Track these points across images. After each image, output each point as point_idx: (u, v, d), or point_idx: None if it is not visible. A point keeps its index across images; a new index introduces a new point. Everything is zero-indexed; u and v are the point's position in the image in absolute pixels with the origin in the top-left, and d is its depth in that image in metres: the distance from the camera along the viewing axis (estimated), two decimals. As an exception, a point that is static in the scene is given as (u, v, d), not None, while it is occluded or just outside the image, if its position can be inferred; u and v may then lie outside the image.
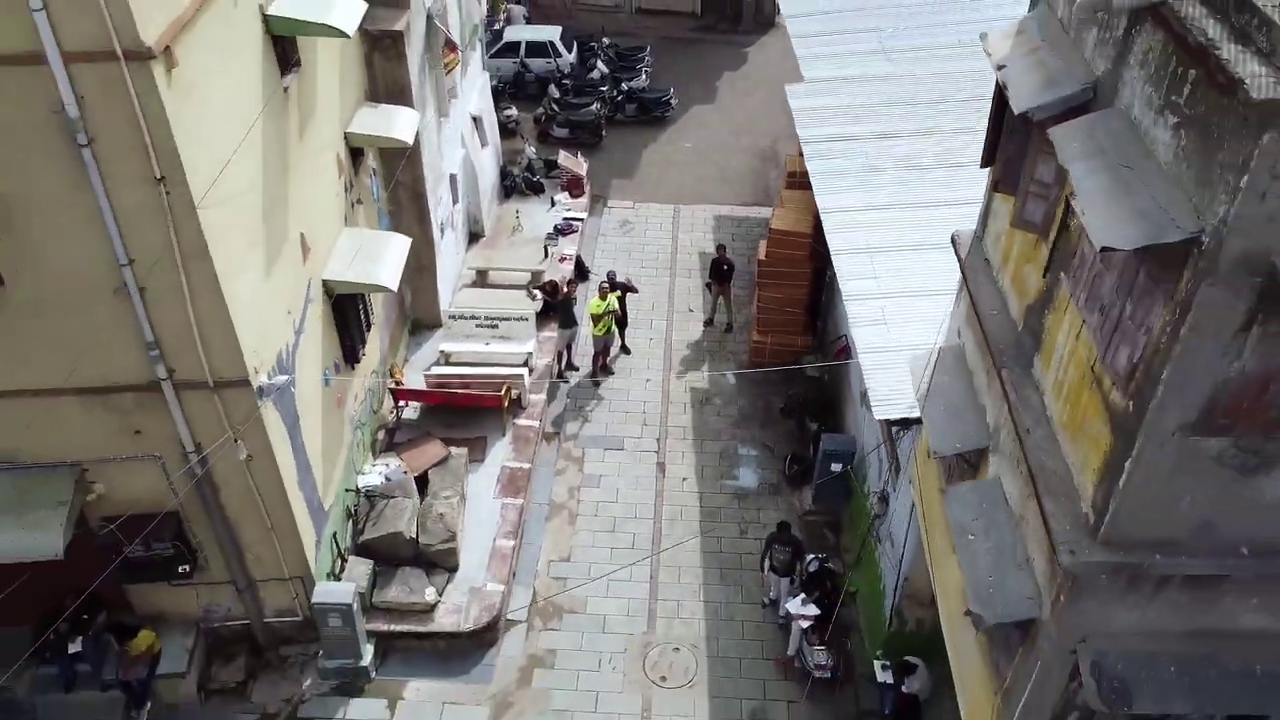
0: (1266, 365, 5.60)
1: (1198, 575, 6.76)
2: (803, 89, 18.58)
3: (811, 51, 19.61)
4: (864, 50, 19.28)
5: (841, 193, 15.62)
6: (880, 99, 17.67)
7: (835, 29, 20.21)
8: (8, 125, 8.74)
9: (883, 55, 19.10)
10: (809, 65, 19.19)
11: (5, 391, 10.60)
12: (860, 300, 13.49)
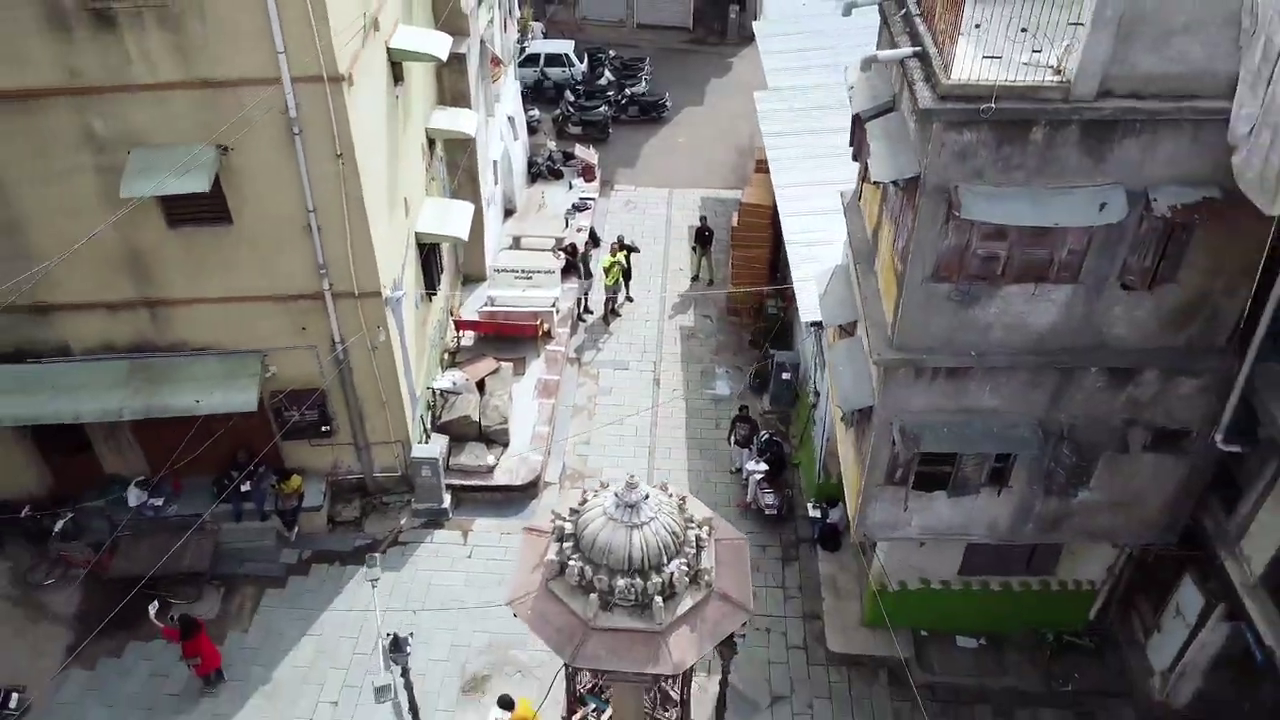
0: (958, 242, 11.03)
1: (950, 368, 12.20)
2: (767, 94, 23.98)
3: (776, 64, 24.95)
4: (818, 64, 24.58)
5: (791, 173, 21.02)
6: (825, 103, 23.02)
7: (797, 47, 25.50)
8: (259, 127, 14.15)
9: (833, 68, 24.41)
10: (773, 76, 24.56)
11: (222, 298, 16.04)
12: (797, 246, 18.92)
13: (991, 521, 13.99)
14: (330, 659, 16.66)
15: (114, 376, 16.26)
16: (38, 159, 14.25)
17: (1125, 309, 11.71)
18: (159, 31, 13.29)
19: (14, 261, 15.02)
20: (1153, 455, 13.12)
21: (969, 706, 16.16)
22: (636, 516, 10.75)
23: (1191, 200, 10.54)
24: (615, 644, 10.77)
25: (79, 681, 16.26)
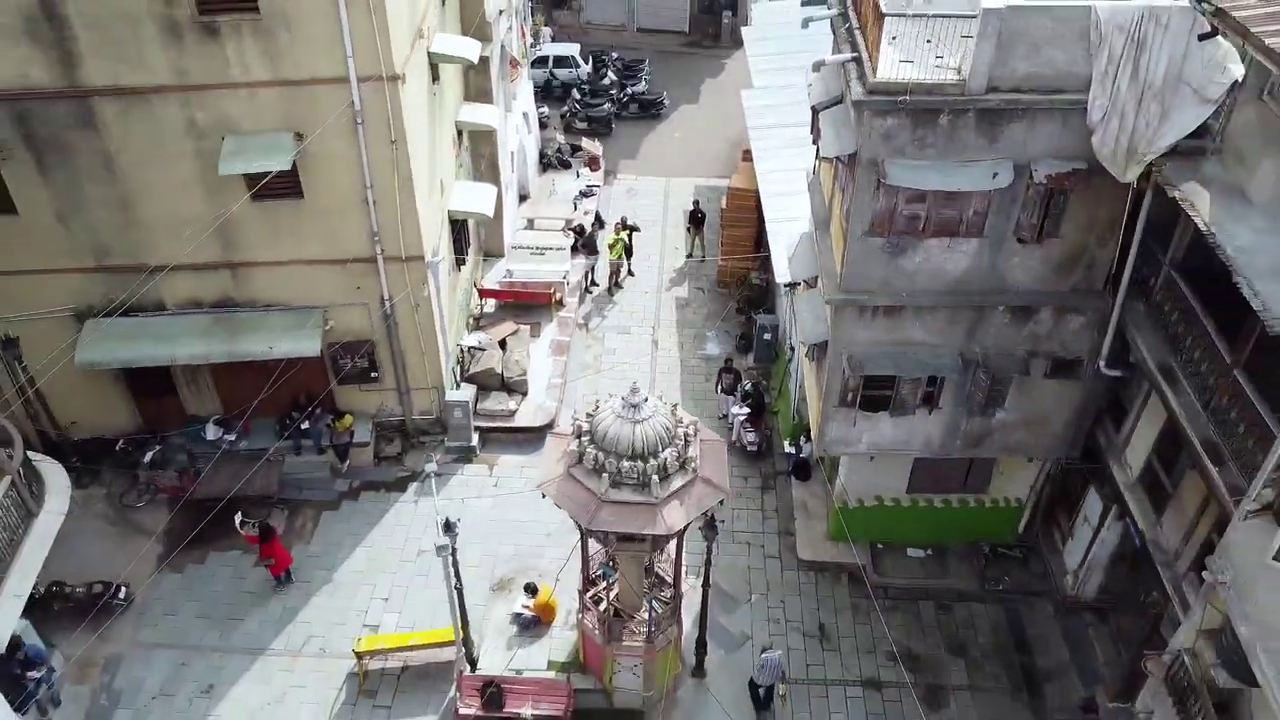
0: (887, 205, 14.21)
1: (888, 306, 15.39)
2: (753, 92, 27.17)
3: (760, 65, 28.11)
4: (795, 66, 27.64)
5: (772, 161, 24.19)
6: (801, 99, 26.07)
7: (778, 50, 28.59)
8: (329, 117, 17.33)
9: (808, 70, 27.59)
10: (758, 76, 27.74)
11: (291, 260, 19.21)
12: (776, 224, 22.11)
13: (927, 438, 17.19)
14: (380, 565, 19.85)
15: (201, 327, 19.46)
16: (149, 144, 17.43)
17: (1021, 259, 14.91)
18: (252, 40, 16.48)
19: (126, 230, 18.31)
20: (1053, 381, 16.31)
21: (915, 603, 19.36)
22: (638, 415, 13.98)
23: (1064, 170, 13.74)
24: (621, 513, 14.01)
25: (170, 583, 19.44)
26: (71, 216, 18.13)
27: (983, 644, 18.64)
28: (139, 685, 17.79)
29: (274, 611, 19.06)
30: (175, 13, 16.00)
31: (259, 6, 16.13)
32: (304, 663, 18.21)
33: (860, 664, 18.29)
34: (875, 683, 17.98)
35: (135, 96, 16.87)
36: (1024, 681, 18.02)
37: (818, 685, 17.98)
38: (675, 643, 17.16)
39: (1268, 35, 10.63)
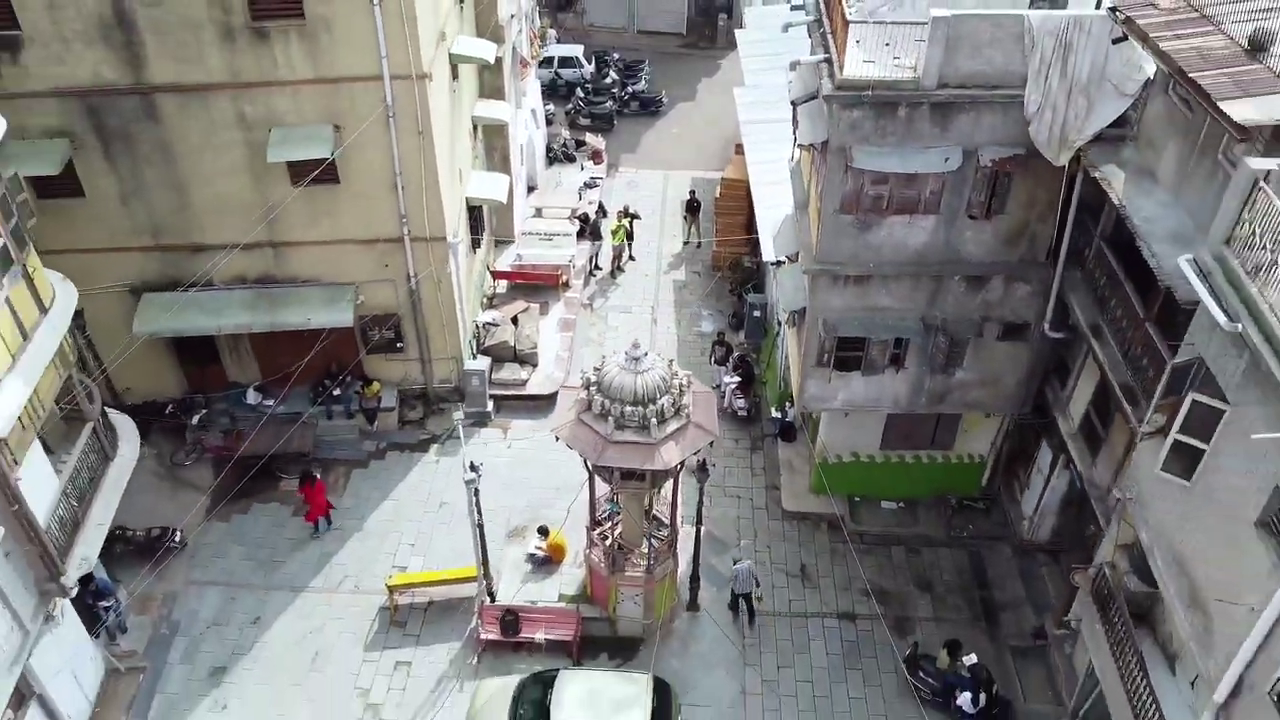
0: (854, 186, 16.38)
1: (857, 276, 17.57)
2: (745, 90, 29.31)
3: (752, 65, 30.23)
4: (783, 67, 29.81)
5: (761, 154, 26.30)
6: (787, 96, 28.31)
7: (769, 52, 30.66)
8: (364, 112, 19.49)
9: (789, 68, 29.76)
10: (750, 75, 29.86)
11: (327, 240, 21.38)
12: (764, 210, 24.24)
13: (895, 396, 19.38)
14: (406, 515, 22.04)
15: (245, 300, 21.64)
16: (201, 135, 19.60)
17: (973, 233, 17.09)
18: (297, 43, 18.66)
19: (180, 212, 20.50)
20: (1005, 343, 18.49)
21: (887, 548, 21.56)
22: (639, 367, 16.17)
23: (1006, 155, 15.93)
24: (625, 451, 16.20)
25: (218, 530, 21.63)
26: (132, 200, 20.31)
27: (947, 581, 20.84)
28: (194, 617, 19.98)
29: (312, 555, 21.25)
30: (231, 19, 18.18)
31: (304, 13, 18.30)
32: (340, 598, 20.40)
33: (837, 599, 20.48)
34: (850, 615, 20.17)
35: (193, 92, 19.05)
36: (983, 613, 20.21)
37: (799, 618, 20.17)
38: (671, 576, 19.36)
39: (1163, 40, 12.80)
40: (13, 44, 17.96)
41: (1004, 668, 19.13)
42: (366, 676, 19.00)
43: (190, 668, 19.14)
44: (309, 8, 18.24)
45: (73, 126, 19.15)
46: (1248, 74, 11.78)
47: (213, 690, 18.76)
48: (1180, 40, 12.70)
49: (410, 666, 19.17)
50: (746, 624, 19.78)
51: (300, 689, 18.77)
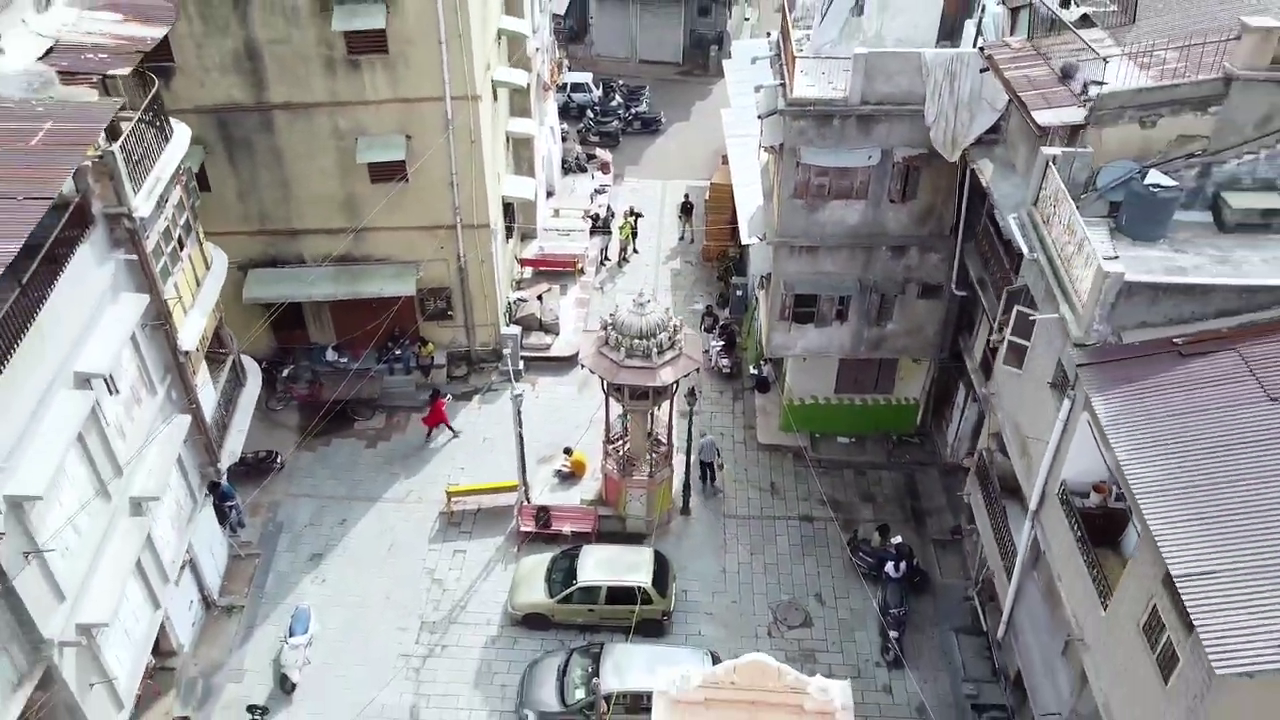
0: (803, 177, 22.01)
1: (808, 246, 23.20)
2: (731, 111, 35.05)
3: (737, 90, 35.94)
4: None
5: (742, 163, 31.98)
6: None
7: (750, 78, 36.46)
8: (429, 125, 25.19)
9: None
10: (735, 98, 35.55)
11: (396, 227, 27.01)
12: (744, 205, 29.88)
13: (841, 343, 24.94)
14: (457, 446, 27.54)
15: (330, 274, 27.25)
16: (304, 142, 25.29)
17: (893, 213, 22.71)
18: (381, 71, 24.38)
19: (284, 204, 26.17)
20: (923, 300, 24.07)
21: (840, 471, 27.03)
22: (643, 310, 21.76)
23: (914, 153, 21.58)
24: (633, 373, 21.77)
25: (307, 458, 27.11)
26: (247, 194, 26.00)
27: (886, 494, 26.34)
28: (293, 519, 25.48)
29: (383, 476, 26.75)
30: (334, 53, 23.93)
31: (388, 49, 24.04)
32: (407, 507, 25.89)
33: (799, 507, 25.97)
34: (809, 518, 25.66)
35: (300, 110, 24.78)
36: (913, 516, 25.69)
37: (768, 519, 25.66)
38: (667, 482, 24.87)
39: (1006, 70, 18.49)
40: (168, 73, 23.67)
41: (928, 555, 24.61)
42: (431, 560, 24.48)
43: (294, 555, 24.62)
44: (392, 45, 23.97)
45: (206, 136, 24.84)
46: (1055, 93, 17.46)
47: (312, 570, 24.24)
48: (1018, 70, 18.40)
49: (465, 554, 24.66)
50: (710, 484, 25.50)
51: (380, 569, 24.24)
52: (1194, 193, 16.70)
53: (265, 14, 23.25)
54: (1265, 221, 16.33)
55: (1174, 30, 18.54)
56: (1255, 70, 15.68)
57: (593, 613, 22.21)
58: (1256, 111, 16.03)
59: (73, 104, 15.53)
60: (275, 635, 22.53)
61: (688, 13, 48.10)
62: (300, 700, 21.37)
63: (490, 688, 21.67)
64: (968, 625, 22.75)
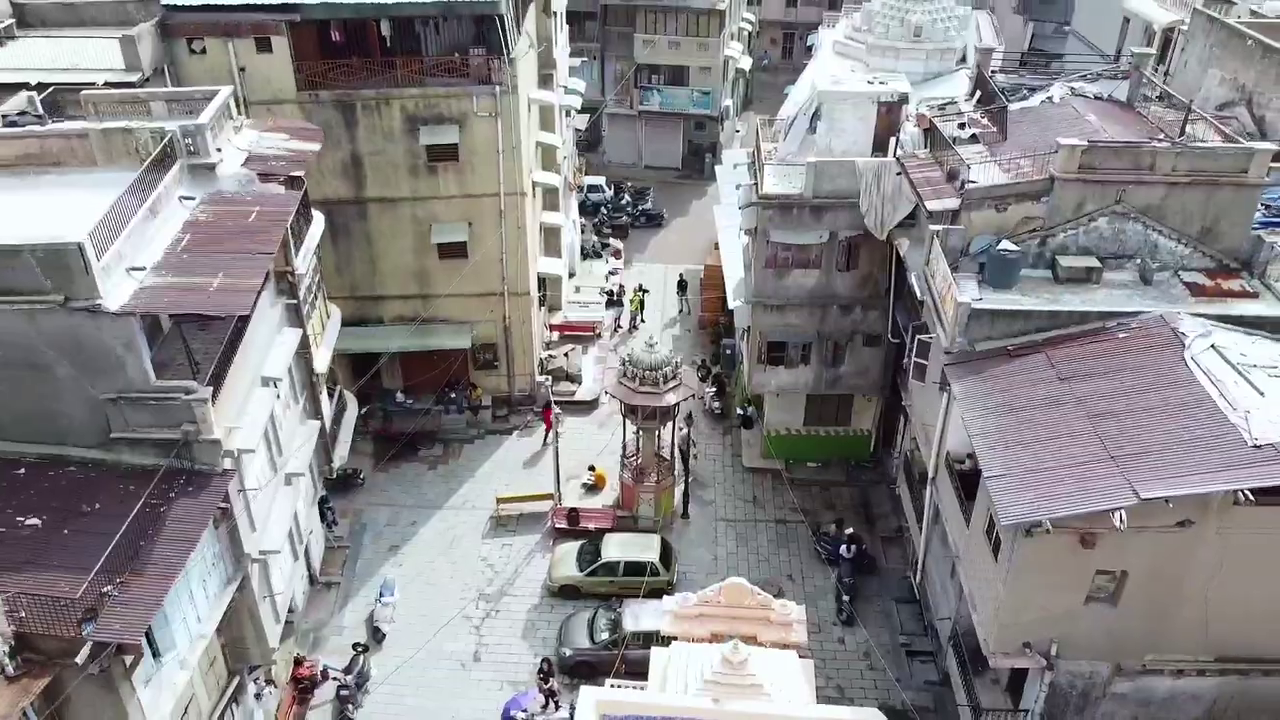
0: (772, 252, 29.38)
1: (778, 305, 30.43)
2: (721, 207, 42.85)
3: (726, 190, 43.84)
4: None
5: (730, 249, 39.58)
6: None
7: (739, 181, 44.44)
8: (486, 215, 32.79)
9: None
10: (724, 197, 43.42)
11: (456, 294, 34.37)
12: (731, 281, 37.30)
13: (806, 381, 31.99)
14: (500, 470, 34.37)
15: (403, 331, 34.48)
16: (390, 227, 32.82)
17: (841, 279, 30.04)
18: (452, 174, 32.07)
19: (371, 275, 33.60)
20: (868, 348, 31.23)
21: (809, 487, 33.76)
22: (653, 350, 29.01)
23: (854, 234, 29.03)
24: (645, 397, 28.90)
25: (380, 477, 33.89)
26: (343, 267, 33.42)
27: (845, 504, 33.06)
28: (374, 521, 32.16)
29: (443, 490, 33.52)
30: (417, 161, 31.65)
31: (459, 158, 31.76)
32: (464, 513, 32.60)
33: (775, 513, 32.66)
34: (783, 521, 32.34)
35: (388, 202, 32.39)
36: (866, 519, 32.36)
37: (751, 522, 32.33)
38: (670, 490, 31.62)
39: (912, 172, 26.02)
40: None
41: (876, 547, 31.20)
42: (485, 550, 31.11)
43: (376, 547, 31.25)
44: (462, 155, 31.71)
45: (316, 222, 32.37)
46: (942, 189, 24.92)
47: (391, 558, 30.83)
48: (920, 174, 25.94)
49: (511, 545, 31.30)
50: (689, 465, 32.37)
51: (445, 557, 30.84)
52: (1038, 256, 23.97)
53: (369, 133, 31.07)
54: (1086, 276, 23.54)
55: (1030, 145, 26.15)
56: (1069, 173, 23.13)
57: (613, 584, 28.74)
58: (1073, 200, 23.40)
59: (270, 194, 22.96)
60: (365, 604, 29.04)
61: (686, 127, 56.60)
62: (388, 647, 27.78)
63: (534, 639, 28.10)
64: (906, 596, 29.18)
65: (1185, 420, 17.90)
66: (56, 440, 19.63)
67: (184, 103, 24.28)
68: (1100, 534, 17.54)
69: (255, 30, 29.11)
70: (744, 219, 30.81)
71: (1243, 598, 18.33)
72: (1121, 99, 30.40)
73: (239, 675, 22.92)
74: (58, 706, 17.11)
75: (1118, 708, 20.11)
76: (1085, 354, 20.41)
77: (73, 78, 26.73)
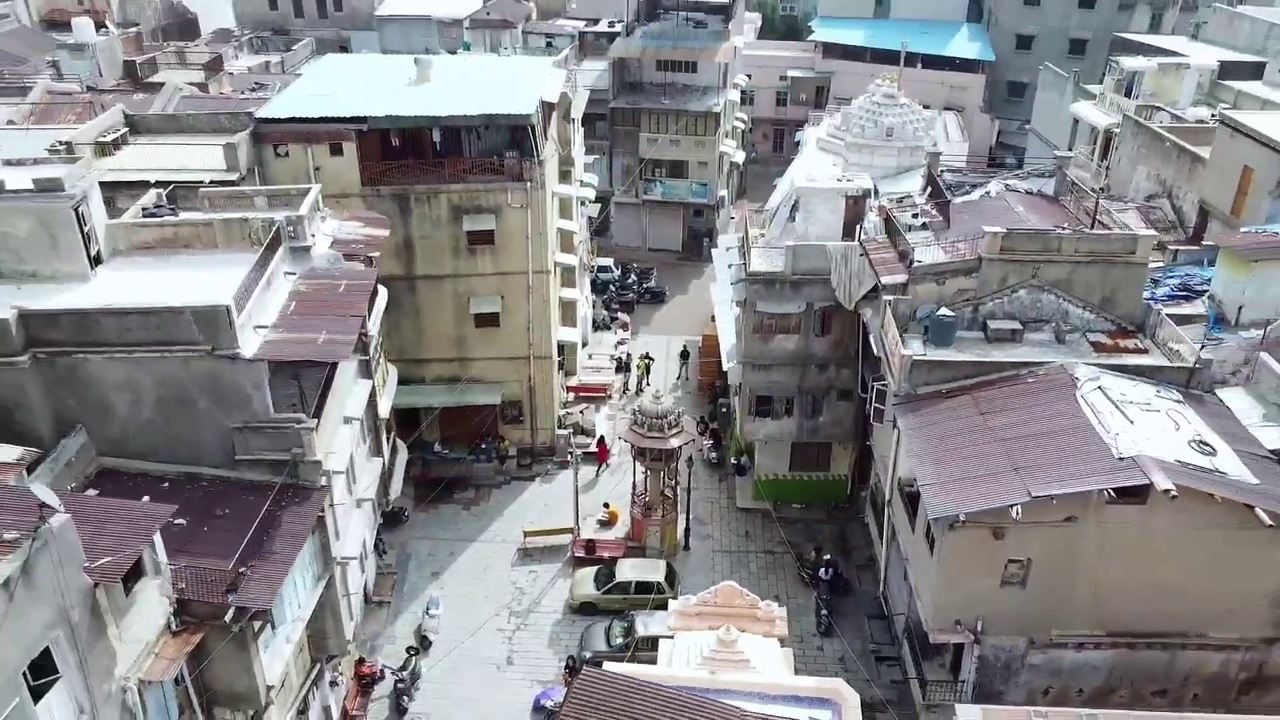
0: (759, 320, 35.02)
1: (764, 364, 35.99)
2: (717, 284, 48.69)
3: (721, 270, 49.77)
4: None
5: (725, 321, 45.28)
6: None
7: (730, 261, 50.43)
8: (516, 289, 38.56)
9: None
10: (720, 276, 49.35)
11: (488, 357, 39.95)
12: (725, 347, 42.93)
13: (790, 430, 37.36)
14: (526, 510, 39.49)
15: (442, 390, 39.97)
16: (434, 301, 38.54)
17: (818, 343, 35.65)
18: (489, 254, 37.93)
19: (417, 342, 39.22)
20: (842, 401, 36.68)
21: (794, 524, 38.84)
22: (659, 402, 34.61)
23: (828, 304, 34.74)
24: (653, 440, 34.38)
25: (422, 516, 39.03)
26: (392, 333, 39.05)
27: (825, 538, 38.09)
28: (419, 552, 37.21)
29: (476, 527, 38.61)
30: (459, 244, 37.56)
31: (494, 241, 37.66)
32: (494, 545, 37.66)
33: (764, 545, 37.73)
34: (771, 552, 37.37)
35: (434, 279, 38.18)
36: (843, 550, 37.37)
37: (743, 553, 37.37)
38: (674, 524, 36.73)
39: (872, 254, 31.81)
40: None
41: (852, 573, 36.18)
42: (514, 576, 36.12)
43: (420, 573, 36.25)
44: (497, 239, 37.63)
45: (372, 296, 38.13)
46: (895, 266, 30.67)
47: (433, 582, 35.82)
48: (878, 255, 31.72)
49: (536, 572, 36.31)
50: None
51: (480, 580, 35.83)
52: (972, 320, 29.59)
53: (420, 221, 37.06)
54: (1010, 336, 29.10)
55: (968, 231, 32.01)
56: (993, 254, 28.87)
57: (626, 600, 33.69)
58: (997, 276, 29.09)
59: (353, 270, 28.70)
60: (412, 619, 33.97)
61: (686, 214, 62.93)
62: (434, 653, 32.63)
63: (558, 646, 32.98)
64: (876, 613, 34.08)
65: (1070, 441, 23.30)
66: (192, 460, 24.94)
67: (280, 197, 30.24)
68: (1007, 528, 22.78)
69: (330, 138, 35.29)
70: (735, 292, 36.62)
71: (1121, 580, 23.46)
72: (1050, 193, 36.46)
73: (319, 664, 27.81)
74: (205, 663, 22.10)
75: (1034, 677, 25.04)
76: (1001, 394, 25.90)
77: (183, 176, 32.73)
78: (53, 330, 23.16)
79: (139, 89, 47.22)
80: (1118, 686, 25.11)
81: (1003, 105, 71.06)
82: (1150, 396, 25.28)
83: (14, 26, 58.94)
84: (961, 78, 67.42)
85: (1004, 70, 69.98)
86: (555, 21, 70.19)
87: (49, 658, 17.37)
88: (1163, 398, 25.53)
